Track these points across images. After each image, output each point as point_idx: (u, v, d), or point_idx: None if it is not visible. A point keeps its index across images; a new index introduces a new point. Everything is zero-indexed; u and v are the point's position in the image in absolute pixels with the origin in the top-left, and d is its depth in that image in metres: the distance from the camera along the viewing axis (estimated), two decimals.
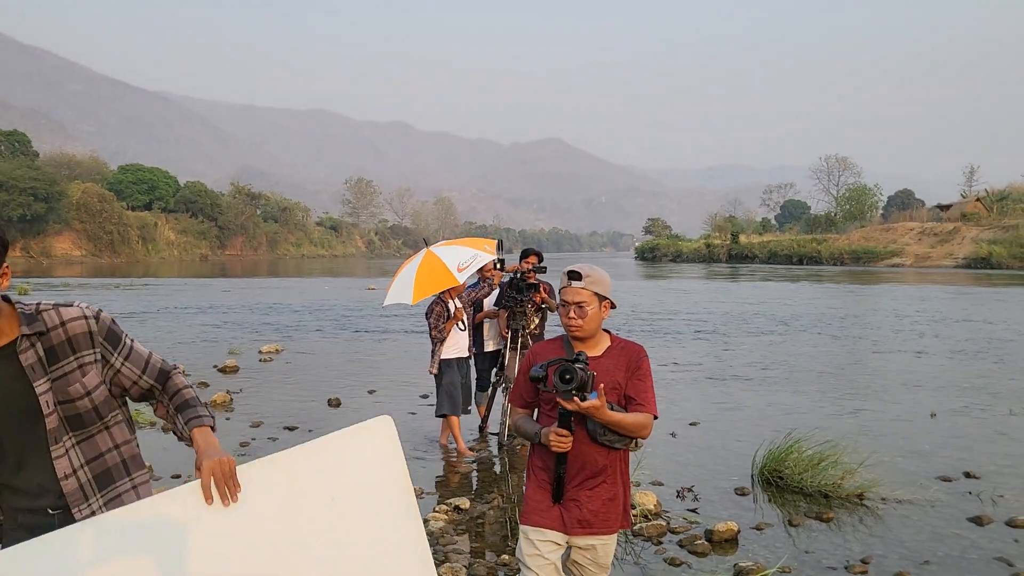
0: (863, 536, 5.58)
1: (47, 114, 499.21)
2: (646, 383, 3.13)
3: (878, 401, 10.52)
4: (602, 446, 3.07)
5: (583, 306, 3.07)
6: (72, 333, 2.34)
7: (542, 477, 3.20)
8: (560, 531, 3.15)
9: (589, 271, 3.13)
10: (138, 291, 33.53)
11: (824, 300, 29.55)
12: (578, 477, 3.12)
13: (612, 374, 3.10)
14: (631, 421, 3.01)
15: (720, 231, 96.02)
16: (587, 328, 3.09)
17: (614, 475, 3.16)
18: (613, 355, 3.15)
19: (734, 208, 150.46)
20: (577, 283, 3.09)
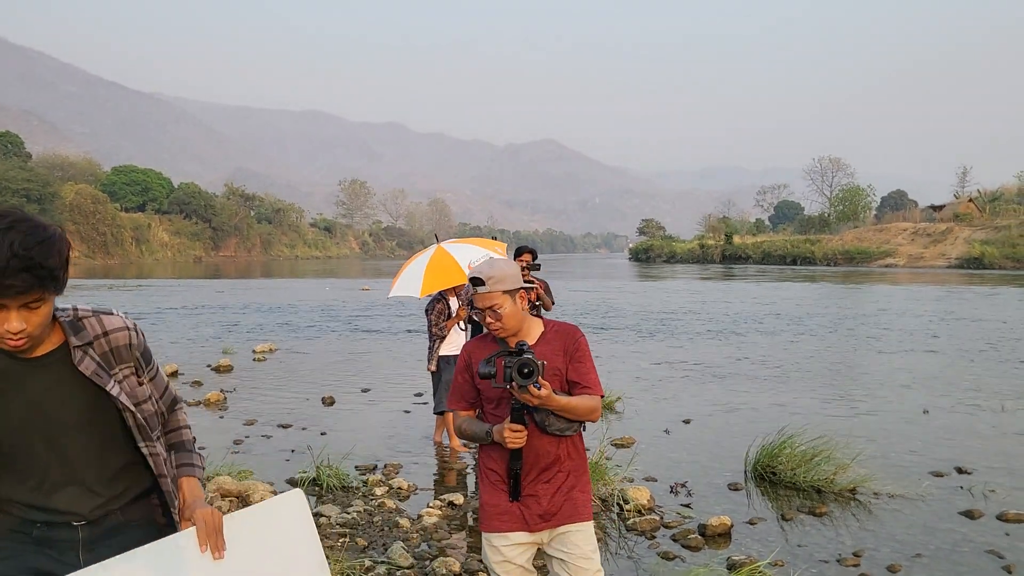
0: (855, 530, 5.61)
1: (40, 115, 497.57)
2: (586, 364, 3.03)
3: (870, 398, 10.56)
4: (551, 435, 2.97)
5: (495, 309, 2.95)
6: (115, 344, 2.27)
7: (495, 478, 3.07)
8: (524, 530, 3.04)
9: (490, 272, 2.96)
10: (132, 292, 33.49)
11: (817, 300, 29.62)
12: (533, 471, 3.00)
13: (550, 360, 2.98)
14: (580, 404, 2.91)
15: (714, 232, 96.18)
16: (509, 327, 2.98)
17: (569, 464, 3.05)
18: (549, 340, 3.04)
19: (728, 209, 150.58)
20: (482, 288, 2.94)
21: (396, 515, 5.78)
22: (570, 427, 2.98)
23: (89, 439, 2.21)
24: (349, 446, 7.54)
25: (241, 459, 7.13)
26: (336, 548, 5.04)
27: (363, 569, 4.71)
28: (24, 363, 2.13)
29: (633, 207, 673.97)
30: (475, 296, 2.98)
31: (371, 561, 4.85)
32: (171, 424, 2.46)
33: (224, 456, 7.09)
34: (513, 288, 2.98)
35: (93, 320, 2.28)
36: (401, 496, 6.32)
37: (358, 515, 5.72)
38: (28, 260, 1.96)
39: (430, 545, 5.24)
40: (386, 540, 5.28)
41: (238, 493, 6.04)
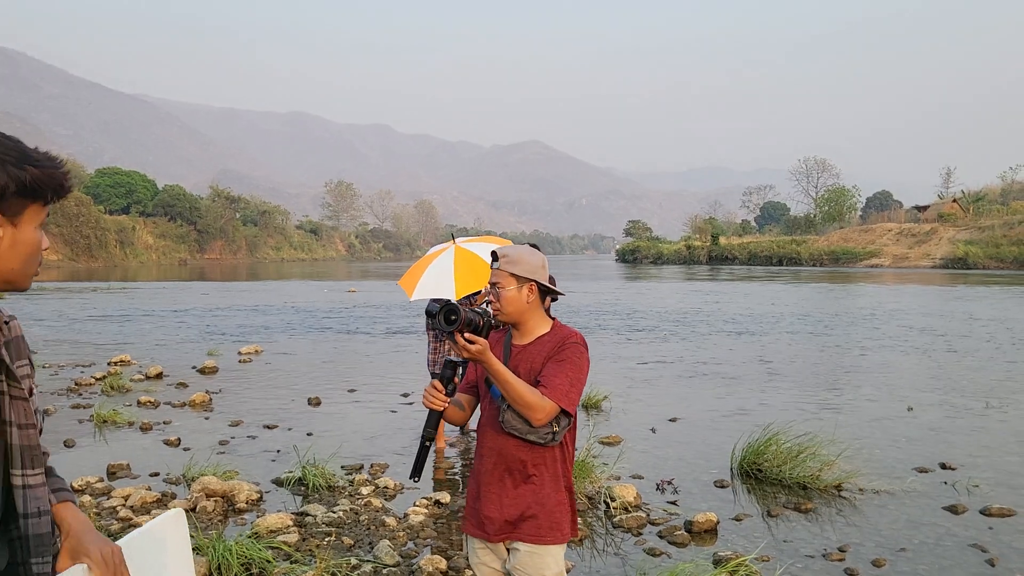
0: (840, 525, 5.63)
1: (23, 117, 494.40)
2: (561, 367, 2.77)
3: (856, 396, 10.61)
4: (514, 438, 2.78)
5: (497, 287, 2.85)
6: (15, 334, 1.78)
7: (472, 478, 2.99)
8: (481, 537, 2.91)
9: (508, 251, 2.90)
10: (116, 295, 33.29)
11: (803, 300, 29.76)
12: (495, 472, 2.85)
13: (531, 361, 2.83)
14: (520, 388, 2.66)
15: (700, 233, 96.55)
16: (505, 310, 2.84)
17: (541, 476, 2.82)
18: (544, 342, 2.87)
19: (714, 210, 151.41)
20: (494, 264, 2.89)
21: (382, 514, 5.77)
22: (531, 431, 2.74)
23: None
24: (335, 446, 7.52)
25: (227, 460, 7.10)
26: (322, 547, 5.03)
27: (349, 567, 4.70)
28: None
29: (620, 208, 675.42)
30: (492, 272, 2.91)
31: (357, 560, 4.84)
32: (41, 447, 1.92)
33: (209, 457, 7.06)
34: (524, 275, 2.86)
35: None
36: (387, 495, 6.30)
37: (344, 514, 5.71)
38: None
39: (416, 543, 5.23)
40: (372, 539, 5.27)
41: (223, 493, 6.01)
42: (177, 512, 2.17)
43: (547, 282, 2.91)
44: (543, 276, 2.91)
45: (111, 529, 5.31)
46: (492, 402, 2.87)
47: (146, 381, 11.60)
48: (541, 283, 2.90)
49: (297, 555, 4.88)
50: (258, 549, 4.68)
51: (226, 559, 4.50)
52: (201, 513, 5.73)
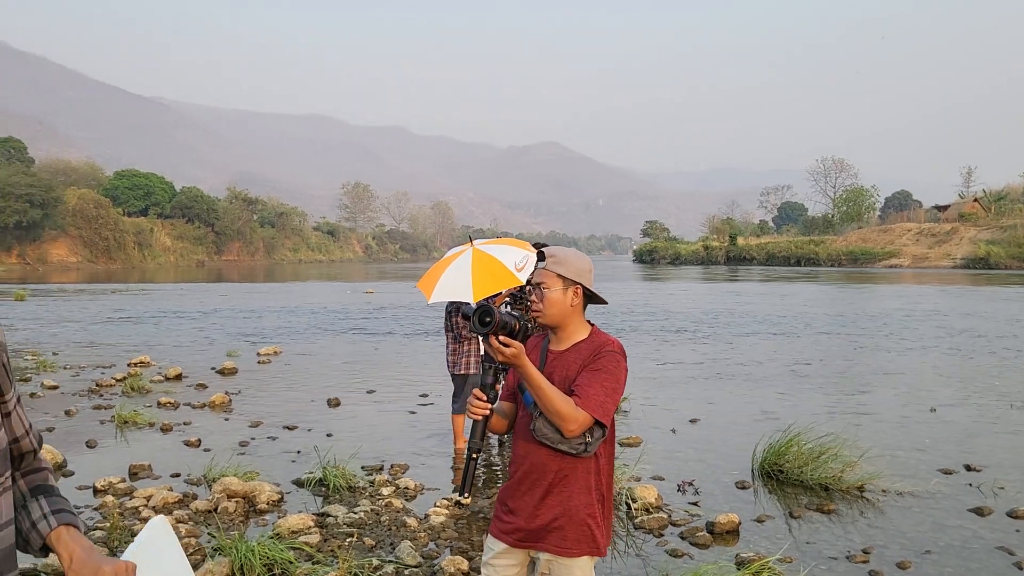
0: (864, 527, 5.59)
1: (43, 120, 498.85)
2: (596, 377, 2.68)
3: (877, 397, 10.54)
4: (545, 447, 2.71)
5: (542, 287, 2.77)
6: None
7: (505, 483, 2.93)
8: (506, 543, 2.84)
9: (555, 251, 2.83)
10: (135, 296, 33.51)
11: (821, 300, 29.60)
12: (525, 482, 2.78)
13: (567, 367, 2.75)
14: (554, 395, 2.59)
15: (718, 233, 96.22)
16: (548, 313, 2.77)
17: (571, 487, 2.74)
18: (579, 349, 2.79)
19: (732, 210, 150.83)
20: (540, 263, 2.82)
21: (403, 515, 5.77)
22: (563, 441, 2.66)
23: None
24: (355, 447, 7.52)
25: (247, 460, 7.12)
26: (344, 547, 5.03)
27: (371, 568, 4.70)
28: None
29: (637, 209, 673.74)
30: (534, 272, 2.83)
31: (379, 560, 4.84)
32: (38, 462, 1.84)
33: (230, 457, 7.09)
34: (571, 277, 2.78)
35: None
36: (408, 496, 6.31)
37: (365, 515, 5.71)
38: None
39: (438, 544, 5.23)
40: (393, 539, 5.27)
41: (244, 494, 6.03)
42: (161, 519, 2.12)
43: (592, 287, 2.84)
44: (589, 280, 2.83)
45: (134, 529, 5.33)
46: (525, 409, 2.81)
47: (166, 382, 11.66)
48: (587, 287, 2.83)
49: (319, 556, 4.89)
50: (280, 550, 4.69)
51: (248, 560, 4.51)
52: (223, 514, 5.75)
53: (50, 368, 12.94)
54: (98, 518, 5.67)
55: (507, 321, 2.60)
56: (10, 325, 20.11)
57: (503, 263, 6.87)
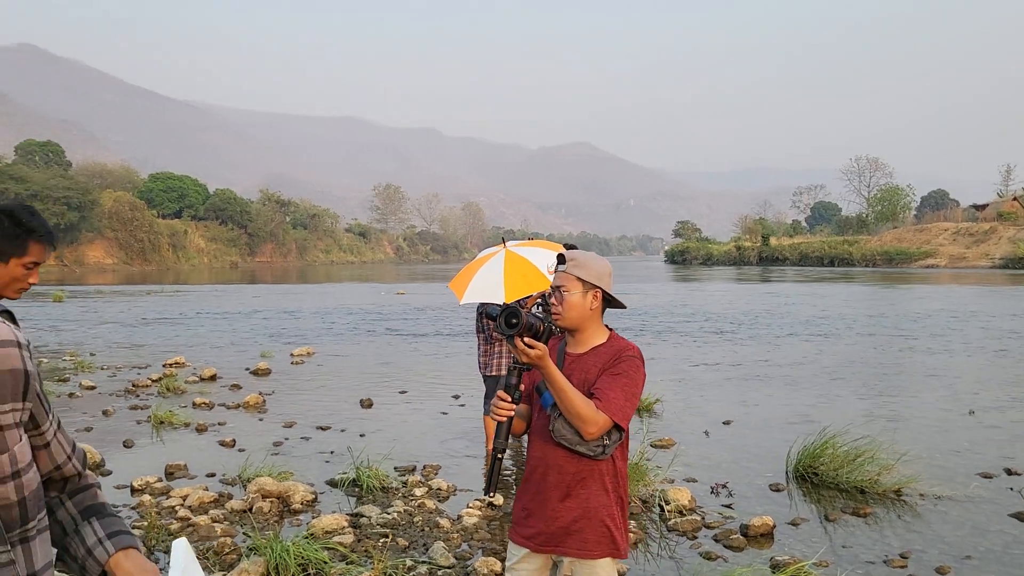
0: (901, 531, 5.51)
1: (80, 124, 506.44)
2: (616, 381, 2.70)
3: (914, 399, 10.40)
4: (563, 448, 2.72)
5: (562, 290, 2.78)
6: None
7: (521, 486, 2.92)
8: (527, 547, 2.84)
9: (576, 255, 2.85)
10: (170, 298, 33.92)
11: (857, 301, 29.28)
12: (543, 485, 2.79)
13: (586, 370, 2.76)
14: (575, 397, 2.60)
15: (750, 233, 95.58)
16: (567, 316, 2.78)
17: (588, 488, 2.75)
18: (599, 353, 2.81)
19: (764, 210, 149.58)
20: (561, 267, 2.82)
21: (436, 515, 5.78)
22: (581, 443, 2.67)
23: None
24: (388, 447, 7.56)
25: (281, 461, 7.17)
26: (377, 548, 5.05)
27: (405, 569, 4.72)
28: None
29: (668, 209, 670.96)
30: (554, 276, 2.85)
31: (412, 561, 4.86)
32: (84, 480, 1.72)
33: (264, 458, 7.14)
34: (591, 281, 2.79)
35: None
36: (441, 497, 6.32)
37: (398, 515, 5.73)
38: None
39: (471, 545, 5.23)
40: (427, 540, 5.28)
41: (279, 494, 6.07)
42: (184, 542, 2.09)
43: (611, 291, 2.85)
44: (608, 284, 2.84)
45: (171, 528, 5.39)
46: (542, 411, 2.81)
47: (200, 383, 11.78)
48: (606, 291, 2.83)
49: (353, 556, 4.91)
50: (314, 550, 4.71)
51: (284, 559, 4.54)
52: (257, 514, 5.79)
53: (88, 368, 13.13)
54: (135, 517, 5.73)
55: (532, 323, 2.62)
56: (51, 326, 20.43)
57: (535, 265, 6.86)
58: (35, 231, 2.75)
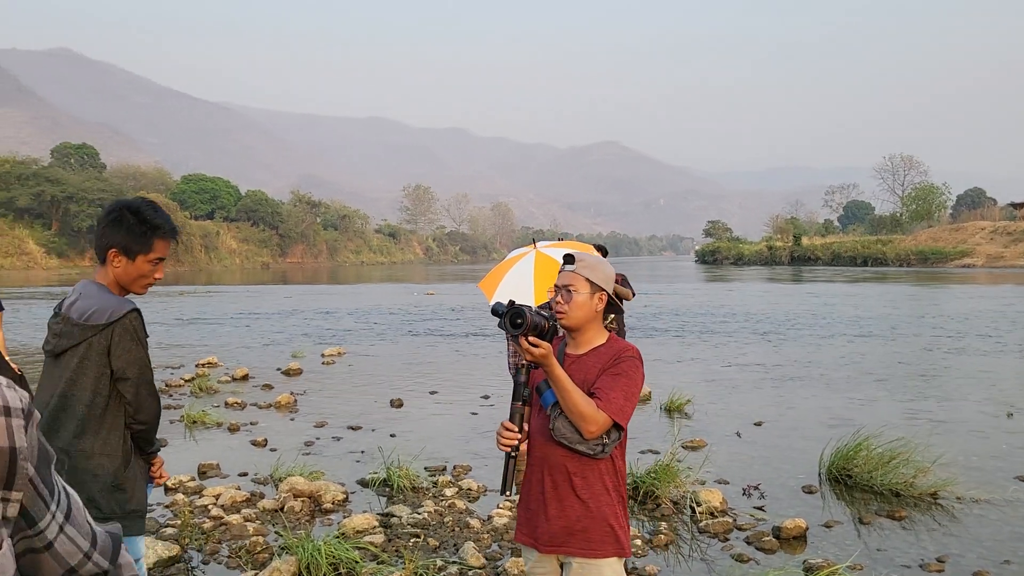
0: (938, 535, 5.43)
1: (114, 127, 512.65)
2: (617, 381, 2.71)
3: (950, 401, 10.26)
4: (562, 447, 2.72)
5: (570, 290, 2.79)
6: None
7: (523, 487, 2.93)
8: (533, 547, 2.85)
9: (584, 256, 2.87)
10: (203, 298, 34.26)
11: (892, 301, 28.93)
12: (543, 483, 2.80)
13: (586, 371, 2.78)
14: (578, 397, 2.62)
15: (782, 233, 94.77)
16: (572, 316, 2.79)
17: (591, 488, 2.75)
18: (599, 353, 2.82)
19: (796, 210, 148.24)
20: (569, 267, 2.84)
21: (466, 516, 5.78)
22: (581, 441, 2.68)
23: None
24: (418, 447, 7.58)
25: (312, 460, 7.22)
26: (408, 548, 5.06)
27: (435, 569, 4.72)
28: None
29: (698, 208, 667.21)
30: (559, 275, 2.87)
31: (443, 561, 4.86)
32: (118, 571, 1.28)
33: (296, 457, 7.19)
34: (597, 283, 2.83)
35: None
36: (471, 497, 6.32)
37: (429, 515, 5.74)
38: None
39: (501, 546, 5.22)
40: (457, 540, 5.28)
41: (310, 493, 6.11)
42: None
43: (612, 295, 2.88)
44: (612, 289, 2.89)
45: (203, 527, 5.44)
46: (542, 411, 2.82)
47: (233, 383, 11.89)
48: (611, 295, 2.87)
49: (384, 556, 4.93)
50: (345, 549, 4.73)
51: (315, 559, 4.56)
52: (289, 513, 5.83)
53: None
54: (169, 516, 5.80)
55: (538, 322, 2.64)
56: None
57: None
58: (159, 227, 2.88)
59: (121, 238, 2.87)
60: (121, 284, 2.95)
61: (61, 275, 65.74)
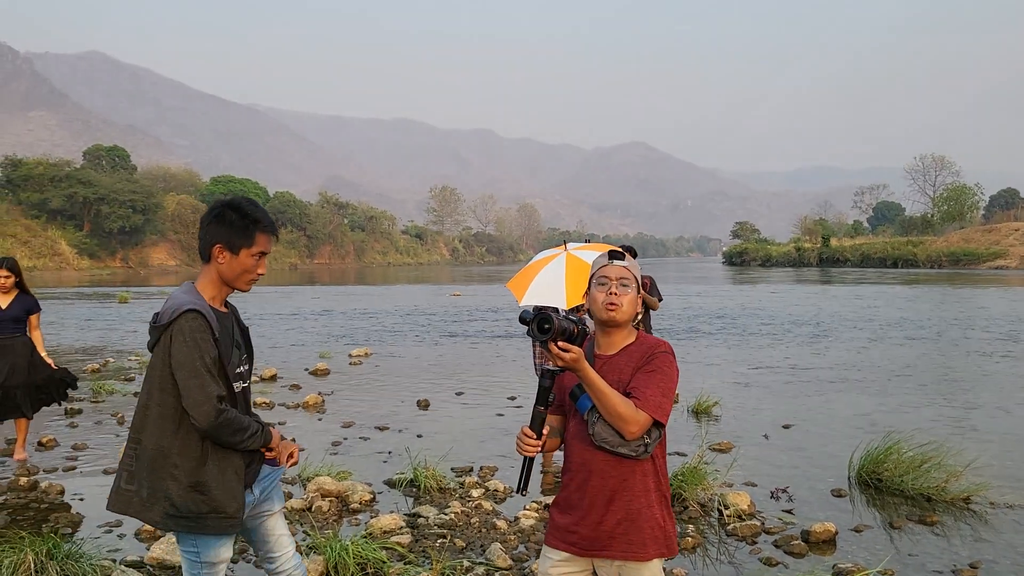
0: (971, 541, 5.35)
1: (144, 129, 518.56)
2: (652, 378, 2.68)
3: (983, 404, 10.11)
4: (604, 451, 2.70)
5: (626, 283, 2.78)
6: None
7: (560, 492, 2.91)
8: (570, 552, 2.81)
9: (629, 257, 2.86)
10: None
11: (923, 303, 28.61)
12: (586, 490, 2.77)
13: (620, 371, 2.75)
14: (615, 398, 2.59)
15: (810, 234, 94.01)
16: (624, 311, 2.76)
17: (632, 490, 2.73)
18: (630, 352, 2.80)
19: (824, 211, 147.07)
20: (620, 262, 2.81)
21: (493, 517, 5.78)
22: (623, 444, 2.65)
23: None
24: (445, 448, 7.59)
25: (340, 460, 7.25)
26: (435, 548, 5.07)
27: (462, 570, 4.72)
28: None
29: (726, 209, 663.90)
30: (606, 268, 2.81)
31: (470, 562, 4.86)
32: None
33: (323, 457, 7.23)
34: (639, 282, 2.86)
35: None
36: (498, 498, 6.32)
37: (456, 516, 5.75)
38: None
39: (527, 547, 5.22)
40: (484, 541, 5.28)
41: (338, 493, 6.13)
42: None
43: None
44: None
45: None
46: (577, 416, 2.79)
47: (261, 383, 11.96)
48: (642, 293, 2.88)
49: (411, 556, 4.94)
50: (373, 549, 4.75)
51: (342, 559, 4.58)
52: (317, 512, 5.86)
53: None
54: None
55: (566, 327, 2.60)
56: (117, 327, 20.96)
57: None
58: (260, 221, 2.99)
59: (224, 233, 2.98)
60: (226, 280, 3.05)
61: (92, 276, 66.60)
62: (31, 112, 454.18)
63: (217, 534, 2.96)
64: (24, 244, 74.20)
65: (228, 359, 2.98)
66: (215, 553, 3.00)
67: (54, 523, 5.65)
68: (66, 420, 9.26)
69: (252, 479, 3.09)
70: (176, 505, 2.87)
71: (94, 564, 4.49)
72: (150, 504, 2.90)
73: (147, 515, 2.92)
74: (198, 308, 2.90)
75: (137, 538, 5.36)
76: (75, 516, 5.81)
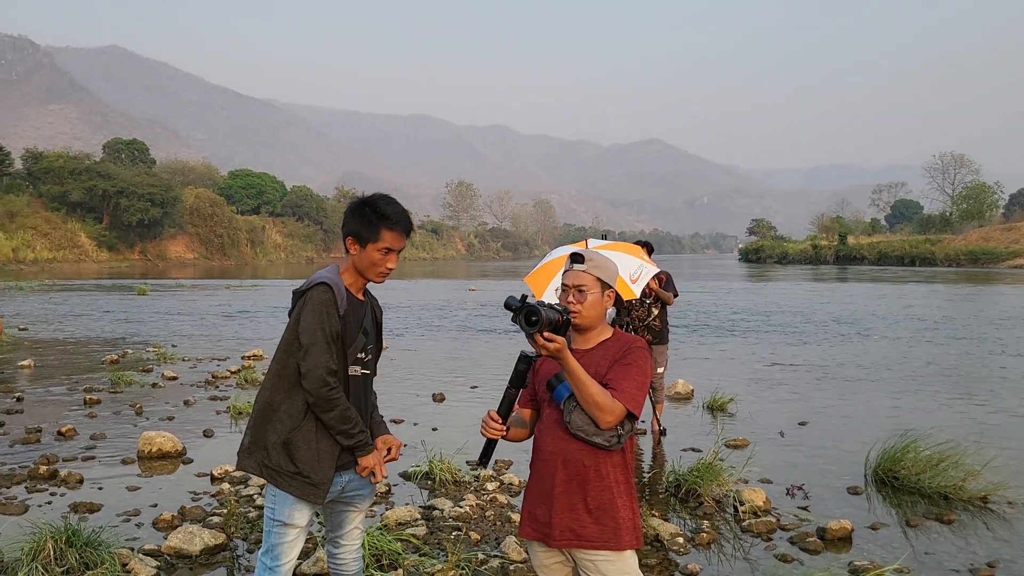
0: (988, 539, 5.32)
1: (163, 123, 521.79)
2: (628, 372, 2.75)
3: (1001, 403, 10.05)
4: (578, 440, 2.74)
5: (583, 290, 2.82)
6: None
7: (530, 482, 2.94)
8: (541, 541, 2.85)
9: (593, 255, 2.89)
10: (248, 292, 34.67)
11: (941, 302, 28.42)
12: (557, 477, 2.79)
13: (597, 364, 2.80)
14: (593, 387, 2.64)
15: (827, 232, 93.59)
16: (586, 315, 2.82)
17: (604, 480, 2.77)
18: (607, 347, 2.86)
19: (841, 208, 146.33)
20: (579, 266, 2.85)
21: (508, 510, 5.79)
22: (597, 433, 2.70)
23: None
24: (460, 441, 7.59)
25: None
26: (450, 541, 5.08)
27: (477, 562, 4.74)
28: None
29: (742, 207, 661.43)
30: (568, 273, 2.88)
31: (484, 555, 4.88)
32: None
33: None
34: (606, 282, 2.87)
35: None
36: (513, 492, 6.33)
37: (471, 509, 5.76)
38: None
39: None
40: (499, 534, 5.30)
41: None
42: None
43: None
44: (616, 285, 2.94)
45: (249, 516, 5.51)
46: (552, 406, 2.84)
47: None
48: (617, 292, 2.93)
49: (426, 548, 4.95)
50: (388, 541, 4.77)
51: None
52: None
53: (170, 360, 13.51)
54: (216, 505, 5.88)
55: (552, 318, 2.65)
56: (135, 318, 21.09)
57: (618, 272, 6.75)
58: (388, 218, 3.13)
59: (355, 226, 3.16)
60: (358, 270, 3.21)
61: (111, 268, 67.01)
62: (51, 105, 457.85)
63: (296, 496, 3.08)
64: (44, 236, 74.63)
65: (351, 341, 3.13)
66: (288, 513, 3.11)
67: (73, 511, 5.71)
68: (85, 410, 9.34)
69: (346, 464, 3.19)
70: (270, 456, 3.09)
71: (112, 552, 4.53)
72: (250, 452, 3.16)
73: (245, 462, 3.17)
74: (330, 282, 3.07)
75: (155, 527, 5.40)
76: (94, 504, 5.86)
